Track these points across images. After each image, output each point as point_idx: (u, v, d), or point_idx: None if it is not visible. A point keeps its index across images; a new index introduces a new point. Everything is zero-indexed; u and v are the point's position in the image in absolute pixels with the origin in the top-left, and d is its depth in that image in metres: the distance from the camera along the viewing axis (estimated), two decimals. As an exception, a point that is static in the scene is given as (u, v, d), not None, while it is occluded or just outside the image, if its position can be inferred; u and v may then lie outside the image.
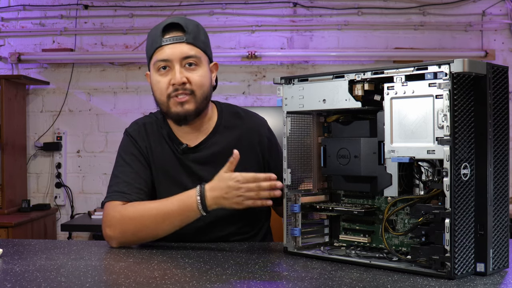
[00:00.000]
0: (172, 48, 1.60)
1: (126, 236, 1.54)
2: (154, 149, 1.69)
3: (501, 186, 1.22)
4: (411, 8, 3.85)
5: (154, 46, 1.62)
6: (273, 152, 1.75)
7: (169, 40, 1.60)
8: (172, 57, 1.59)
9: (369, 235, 1.39)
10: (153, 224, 1.52)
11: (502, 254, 1.22)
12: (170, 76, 1.60)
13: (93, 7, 3.95)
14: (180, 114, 1.61)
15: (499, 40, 3.85)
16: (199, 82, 1.61)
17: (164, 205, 1.53)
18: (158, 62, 1.61)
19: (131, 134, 1.71)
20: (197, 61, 1.62)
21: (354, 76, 1.32)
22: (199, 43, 1.63)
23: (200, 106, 1.63)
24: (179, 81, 1.58)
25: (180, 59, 1.59)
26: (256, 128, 1.75)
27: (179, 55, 1.59)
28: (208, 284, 1.14)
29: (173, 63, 1.59)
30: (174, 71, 1.59)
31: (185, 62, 1.60)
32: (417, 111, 1.21)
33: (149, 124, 1.72)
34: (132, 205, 1.56)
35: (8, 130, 3.66)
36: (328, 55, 3.84)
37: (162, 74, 1.61)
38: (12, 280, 1.16)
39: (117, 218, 1.54)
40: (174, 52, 1.59)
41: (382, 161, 1.31)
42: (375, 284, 1.13)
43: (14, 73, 3.94)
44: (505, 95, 1.23)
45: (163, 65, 1.61)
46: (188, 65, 1.61)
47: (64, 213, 3.98)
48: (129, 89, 3.96)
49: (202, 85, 1.62)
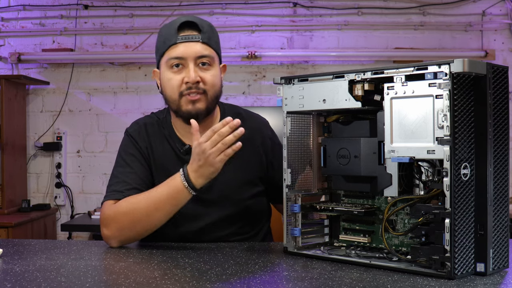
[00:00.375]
0: (187, 46, 1.59)
1: (124, 232, 1.53)
2: (155, 149, 1.68)
3: (501, 186, 1.22)
4: (411, 8, 3.85)
5: (167, 43, 1.61)
6: (276, 153, 1.75)
7: (184, 38, 1.59)
8: (187, 55, 1.59)
9: (369, 235, 1.39)
10: (146, 214, 1.51)
11: (502, 254, 1.22)
12: (183, 74, 1.59)
13: (93, 7, 3.95)
14: (192, 113, 1.60)
15: (499, 40, 3.85)
16: (212, 82, 1.61)
17: (153, 194, 1.52)
18: (171, 59, 1.60)
19: (132, 134, 1.70)
20: (211, 61, 1.62)
21: (354, 76, 1.32)
22: (213, 43, 1.63)
23: (210, 105, 1.63)
24: (193, 79, 1.58)
25: (194, 58, 1.59)
26: (259, 129, 1.76)
27: (194, 54, 1.59)
28: (208, 284, 1.14)
29: (187, 61, 1.59)
30: (188, 69, 1.59)
31: (199, 61, 1.60)
32: (417, 111, 1.21)
33: (150, 125, 1.72)
34: (124, 200, 1.56)
35: (8, 130, 3.66)
36: (328, 55, 3.84)
37: (175, 71, 1.61)
38: (12, 280, 1.16)
39: (111, 217, 1.54)
40: (189, 51, 1.59)
41: (382, 161, 1.31)
42: (375, 284, 1.13)
43: (14, 73, 3.94)
44: (505, 95, 1.23)
45: (176, 62, 1.60)
46: (201, 64, 1.60)
47: (64, 213, 3.98)
48: (129, 89, 3.96)
49: (214, 85, 1.62)
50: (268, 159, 1.74)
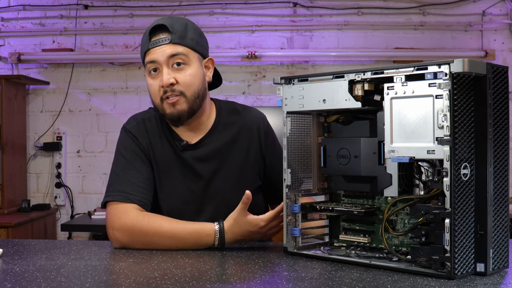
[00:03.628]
0: (158, 50, 1.60)
1: (135, 245, 1.53)
2: (154, 145, 1.68)
3: (501, 186, 1.22)
4: (411, 8, 3.85)
5: (143, 49, 1.64)
6: (268, 147, 1.75)
7: (155, 42, 1.61)
8: (157, 59, 1.60)
9: (369, 235, 1.39)
10: (165, 244, 1.51)
11: (502, 254, 1.22)
12: (160, 78, 1.61)
13: (93, 7, 3.95)
14: (174, 115, 1.61)
15: (499, 40, 3.85)
16: (188, 81, 1.61)
17: (180, 231, 1.51)
18: (148, 64, 1.62)
19: (131, 130, 1.69)
20: (185, 59, 1.61)
21: (354, 76, 1.32)
22: (186, 41, 1.62)
23: (193, 105, 1.63)
24: (166, 82, 1.58)
25: (166, 60, 1.59)
26: (255, 123, 1.76)
27: (163, 56, 1.59)
28: (208, 284, 1.14)
29: (161, 64, 1.60)
30: (163, 72, 1.60)
31: (172, 62, 1.60)
32: (417, 111, 1.21)
33: (148, 120, 1.71)
34: (147, 218, 1.54)
35: (8, 130, 3.66)
36: (328, 55, 3.84)
37: (154, 77, 1.62)
38: (12, 280, 1.16)
39: (128, 226, 1.52)
40: (159, 54, 1.60)
41: (382, 161, 1.31)
42: (375, 284, 1.13)
43: (14, 73, 3.94)
44: (505, 95, 1.23)
45: (153, 67, 1.62)
46: (176, 65, 1.60)
47: (64, 213, 3.98)
48: (129, 89, 3.96)
49: (191, 84, 1.61)
50: (262, 153, 1.75)
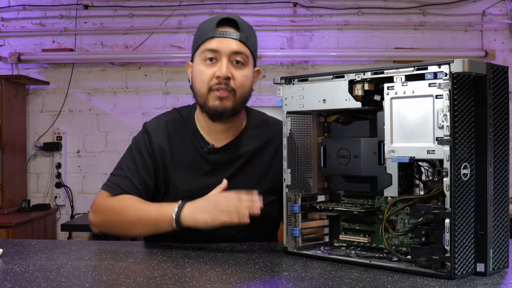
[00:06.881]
0: (224, 41, 1.58)
1: (105, 226, 1.61)
2: (175, 148, 1.66)
3: (501, 186, 1.22)
4: (411, 8, 3.85)
5: (205, 36, 1.60)
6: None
7: (222, 33, 1.59)
8: (221, 49, 1.58)
9: (369, 235, 1.39)
10: (128, 223, 1.56)
11: (502, 254, 1.22)
12: (215, 68, 1.58)
13: (93, 7, 3.95)
14: (218, 109, 1.59)
15: (499, 40, 3.85)
16: (242, 81, 1.60)
17: (143, 210, 1.54)
18: (206, 51, 1.59)
19: (148, 129, 1.69)
20: (245, 60, 1.60)
21: (354, 76, 1.32)
22: (250, 44, 1.62)
23: (238, 105, 1.61)
24: (224, 74, 1.56)
25: (229, 54, 1.58)
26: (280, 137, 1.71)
27: (228, 49, 1.58)
28: (208, 284, 1.14)
29: (221, 55, 1.58)
30: (221, 63, 1.57)
31: (233, 58, 1.59)
32: (417, 111, 1.21)
33: (171, 122, 1.70)
34: (119, 198, 1.60)
35: (8, 130, 3.66)
36: (328, 55, 3.84)
37: (208, 65, 1.59)
38: (12, 280, 1.16)
39: (101, 208, 1.61)
40: (224, 45, 1.58)
41: (382, 161, 1.31)
42: (375, 284, 1.13)
43: (14, 73, 3.94)
44: (505, 95, 1.23)
45: (210, 56, 1.59)
46: (235, 62, 1.59)
47: (64, 213, 3.98)
48: (129, 89, 3.96)
49: (244, 85, 1.61)
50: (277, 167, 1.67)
